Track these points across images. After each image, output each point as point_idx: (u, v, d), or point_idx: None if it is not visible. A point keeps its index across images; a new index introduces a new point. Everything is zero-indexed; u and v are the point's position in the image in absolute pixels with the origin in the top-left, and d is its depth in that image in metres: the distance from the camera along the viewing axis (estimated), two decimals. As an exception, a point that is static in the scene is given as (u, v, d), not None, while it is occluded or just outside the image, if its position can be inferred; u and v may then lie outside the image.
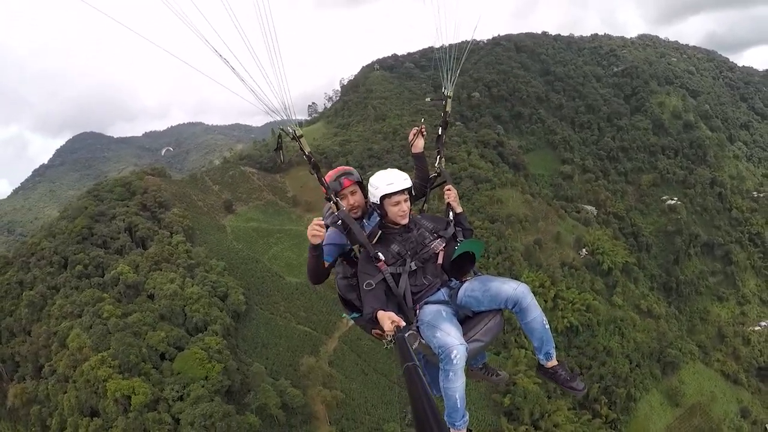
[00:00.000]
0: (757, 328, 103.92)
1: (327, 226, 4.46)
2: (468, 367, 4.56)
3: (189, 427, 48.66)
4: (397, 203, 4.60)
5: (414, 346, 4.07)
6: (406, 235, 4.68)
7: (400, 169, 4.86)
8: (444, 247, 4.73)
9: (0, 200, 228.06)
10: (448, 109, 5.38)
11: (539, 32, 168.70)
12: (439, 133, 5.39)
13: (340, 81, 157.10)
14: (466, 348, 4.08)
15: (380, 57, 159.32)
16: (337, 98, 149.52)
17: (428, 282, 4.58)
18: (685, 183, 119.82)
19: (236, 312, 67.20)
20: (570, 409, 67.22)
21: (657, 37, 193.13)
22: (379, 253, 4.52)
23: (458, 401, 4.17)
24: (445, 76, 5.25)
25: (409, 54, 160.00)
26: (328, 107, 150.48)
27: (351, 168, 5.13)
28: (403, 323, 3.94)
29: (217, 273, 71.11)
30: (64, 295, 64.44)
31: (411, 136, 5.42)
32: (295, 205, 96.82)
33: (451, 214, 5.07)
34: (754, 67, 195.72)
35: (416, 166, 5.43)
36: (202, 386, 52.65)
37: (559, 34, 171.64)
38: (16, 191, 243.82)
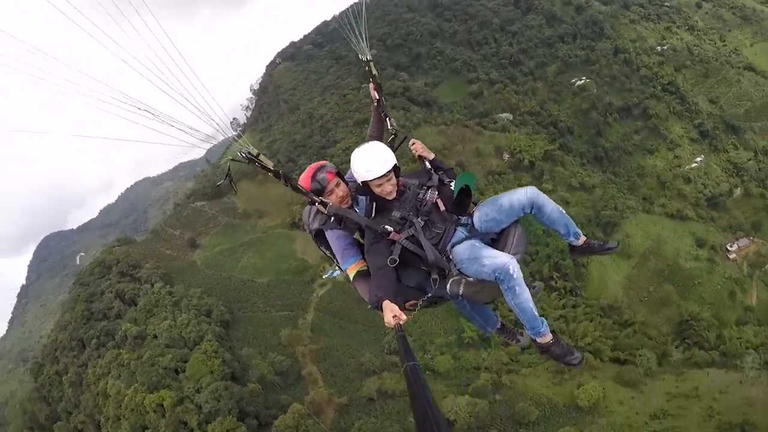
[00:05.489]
0: (693, 165, 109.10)
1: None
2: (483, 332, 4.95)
3: (206, 404, 59.66)
4: (380, 185, 4.61)
5: (461, 291, 4.33)
6: (401, 198, 4.71)
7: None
8: (438, 194, 4.77)
9: (1, 337, 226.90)
10: (375, 72, 5.39)
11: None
12: (377, 97, 5.44)
13: (250, 87, 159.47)
14: (517, 260, 4.24)
15: (280, 50, 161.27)
16: (253, 105, 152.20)
17: (441, 229, 4.60)
18: (588, 61, 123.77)
19: (223, 321, 75.84)
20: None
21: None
22: (386, 226, 4.51)
23: (533, 310, 4.24)
24: (356, 42, 5.28)
25: (305, 37, 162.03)
26: (248, 116, 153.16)
27: (323, 162, 5.07)
28: (404, 319, 3.89)
29: (197, 298, 79.13)
30: (92, 365, 75.20)
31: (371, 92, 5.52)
32: (247, 217, 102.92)
33: (427, 163, 5.13)
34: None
35: (371, 135, 5.52)
36: (210, 377, 63.15)
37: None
38: (11, 322, 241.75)
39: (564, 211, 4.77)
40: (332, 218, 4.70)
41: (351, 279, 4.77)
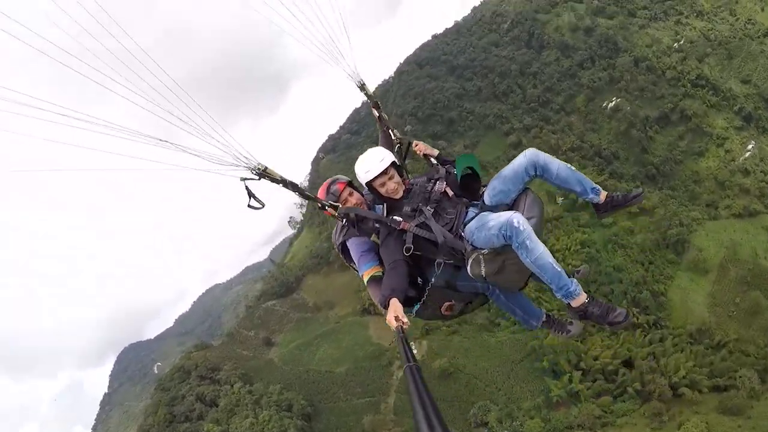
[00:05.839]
0: (746, 154, 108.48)
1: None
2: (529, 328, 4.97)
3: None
4: (383, 184, 4.92)
5: (483, 272, 4.31)
6: (410, 195, 4.97)
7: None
8: (446, 184, 4.96)
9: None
10: (370, 92, 5.71)
11: (429, 37, 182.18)
12: (378, 115, 5.83)
13: (300, 184, 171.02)
14: (533, 224, 4.20)
15: (320, 144, 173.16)
16: (306, 202, 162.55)
17: (453, 214, 4.73)
18: (613, 80, 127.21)
19: (305, 414, 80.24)
20: (604, 340, 75.42)
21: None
22: (395, 217, 4.76)
23: (554, 265, 4.07)
24: (347, 69, 5.50)
25: (341, 128, 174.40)
26: (304, 213, 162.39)
27: (337, 176, 5.46)
28: (407, 322, 3.92)
29: (277, 394, 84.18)
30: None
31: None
32: (318, 310, 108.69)
33: (433, 160, 5.44)
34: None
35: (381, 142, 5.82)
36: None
37: (447, 28, 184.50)
38: (94, 429, 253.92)
39: (574, 168, 4.66)
40: (345, 220, 4.97)
41: (366, 283, 4.87)
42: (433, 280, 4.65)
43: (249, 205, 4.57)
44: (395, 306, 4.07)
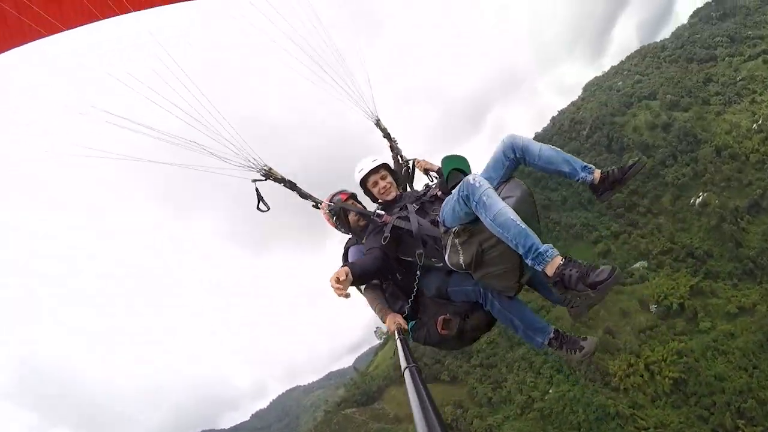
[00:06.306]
0: None
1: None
2: (535, 346, 4.53)
3: None
4: (375, 183, 5.12)
5: (461, 259, 4.10)
6: (403, 196, 5.22)
7: None
8: (439, 189, 5.01)
9: None
10: (383, 126, 5.94)
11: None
12: (390, 144, 6.06)
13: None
14: (512, 204, 3.93)
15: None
16: None
17: (438, 210, 4.58)
18: (697, 174, 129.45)
19: None
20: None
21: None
22: (379, 211, 4.97)
23: (517, 222, 3.67)
24: (363, 106, 5.79)
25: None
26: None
27: (343, 188, 5.47)
28: (405, 325, 4.15)
29: None
30: None
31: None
32: (398, 422, 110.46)
33: (433, 174, 5.57)
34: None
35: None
36: None
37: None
38: None
39: (558, 148, 4.31)
40: (335, 218, 5.19)
41: (362, 290, 4.93)
42: (418, 273, 4.54)
43: (258, 208, 4.80)
44: (394, 315, 4.39)
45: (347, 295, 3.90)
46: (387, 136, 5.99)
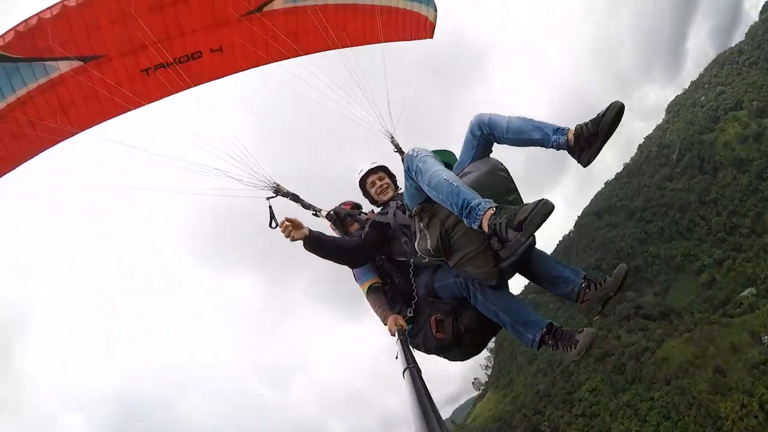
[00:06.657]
0: None
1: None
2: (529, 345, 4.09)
3: None
4: (373, 183, 5.21)
5: (429, 244, 3.93)
6: (396, 197, 5.14)
7: None
8: None
9: None
10: (396, 141, 5.76)
11: (602, 185, 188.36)
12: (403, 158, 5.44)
13: (487, 347, 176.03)
14: (476, 178, 3.90)
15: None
16: (492, 363, 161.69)
17: None
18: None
19: None
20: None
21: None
22: (364, 211, 5.18)
23: (450, 182, 3.48)
24: (388, 124, 5.73)
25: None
26: (489, 375, 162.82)
27: (349, 199, 5.50)
28: (406, 325, 4.09)
29: None
30: None
31: None
32: None
33: None
34: None
35: None
36: None
37: (617, 172, 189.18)
38: None
39: (530, 118, 3.95)
40: (333, 223, 5.15)
41: (365, 294, 4.84)
42: (411, 262, 4.53)
43: (270, 226, 4.65)
44: (395, 316, 4.26)
45: (292, 238, 4.07)
46: (399, 150, 5.74)
